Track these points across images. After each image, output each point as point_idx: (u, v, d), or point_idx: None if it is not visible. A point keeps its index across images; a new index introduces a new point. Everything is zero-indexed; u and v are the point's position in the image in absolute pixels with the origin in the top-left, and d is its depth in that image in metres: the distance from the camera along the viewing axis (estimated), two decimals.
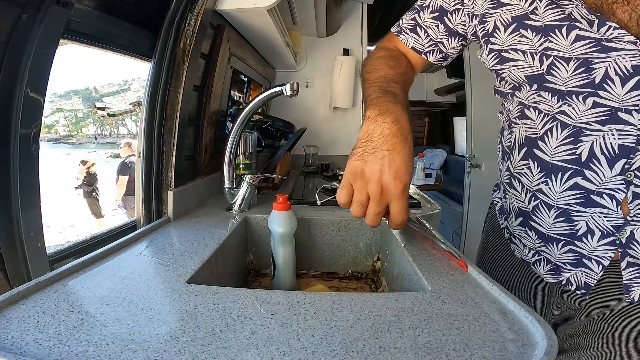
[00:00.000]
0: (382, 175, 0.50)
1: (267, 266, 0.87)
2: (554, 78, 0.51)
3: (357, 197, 0.52)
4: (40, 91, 0.55)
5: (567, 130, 0.53)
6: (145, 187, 0.78)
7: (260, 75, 1.55)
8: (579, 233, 0.55)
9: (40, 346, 0.33)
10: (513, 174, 0.63)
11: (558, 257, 0.59)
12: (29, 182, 0.55)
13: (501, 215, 0.73)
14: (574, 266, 0.58)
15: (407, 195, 0.52)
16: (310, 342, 0.35)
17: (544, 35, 0.51)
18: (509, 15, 0.55)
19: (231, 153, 0.86)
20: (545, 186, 0.57)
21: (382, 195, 0.51)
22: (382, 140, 0.51)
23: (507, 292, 0.45)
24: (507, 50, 0.56)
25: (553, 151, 0.55)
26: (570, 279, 0.59)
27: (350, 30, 1.95)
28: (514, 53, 0.55)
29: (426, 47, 0.72)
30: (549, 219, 0.58)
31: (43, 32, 0.53)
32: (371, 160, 0.51)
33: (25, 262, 0.55)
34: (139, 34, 0.76)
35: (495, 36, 0.57)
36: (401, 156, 0.50)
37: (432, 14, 0.69)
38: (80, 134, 18.88)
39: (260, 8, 0.90)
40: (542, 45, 0.51)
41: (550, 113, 0.54)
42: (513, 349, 0.35)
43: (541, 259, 0.63)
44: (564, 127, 0.53)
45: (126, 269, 0.51)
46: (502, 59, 0.57)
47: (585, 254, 0.56)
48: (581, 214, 0.54)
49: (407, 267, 0.61)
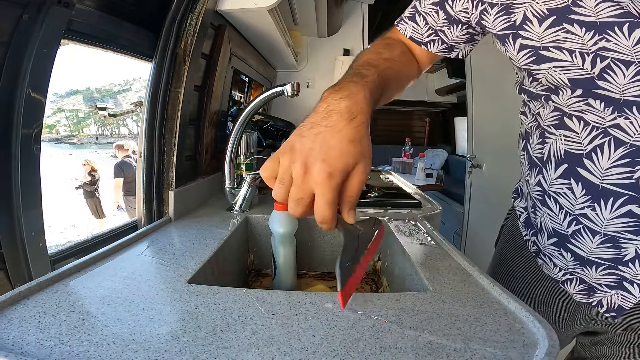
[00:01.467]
0: (310, 153, 0.40)
1: (267, 266, 0.87)
2: (608, 84, 0.44)
3: (280, 174, 0.42)
4: (41, 91, 0.55)
5: (623, 148, 0.45)
6: (146, 187, 0.78)
7: (261, 75, 1.55)
8: (626, 258, 0.50)
9: (42, 346, 0.33)
10: (548, 192, 0.56)
11: (594, 278, 0.54)
12: (30, 182, 0.55)
13: (527, 228, 0.67)
14: (611, 289, 0.53)
15: (334, 186, 0.40)
16: (311, 342, 0.35)
17: (599, 33, 0.43)
18: (544, 7, 0.46)
19: (232, 153, 0.86)
20: (592, 211, 0.51)
21: (304, 177, 0.40)
22: (323, 116, 0.42)
23: (507, 293, 0.45)
24: (548, 47, 0.47)
25: (604, 173, 0.48)
26: (603, 301, 0.55)
27: (351, 30, 1.95)
28: (558, 52, 0.46)
29: (425, 37, 0.64)
30: (591, 244, 0.52)
31: (44, 33, 0.53)
32: (306, 136, 0.41)
33: (27, 262, 0.55)
34: (140, 34, 0.76)
35: (527, 29, 0.48)
36: (340, 136, 0.40)
37: (432, 0, 0.62)
38: (81, 134, 18.91)
39: (261, 8, 0.90)
40: (597, 44, 0.43)
41: (601, 126, 0.46)
42: (514, 349, 0.35)
43: (574, 279, 0.58)
44: (619, 144, 0.46)
45: (127, 269, 0.51)
46: (541, 57, 0.48)
47: (627, 278, 0.51)
48: (632, 242, 0.49)
49: (408, 267, 0.61)
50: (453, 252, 0.61)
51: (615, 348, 0.56)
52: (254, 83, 1.68)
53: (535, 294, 0.64)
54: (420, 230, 0.76)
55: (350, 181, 0.41)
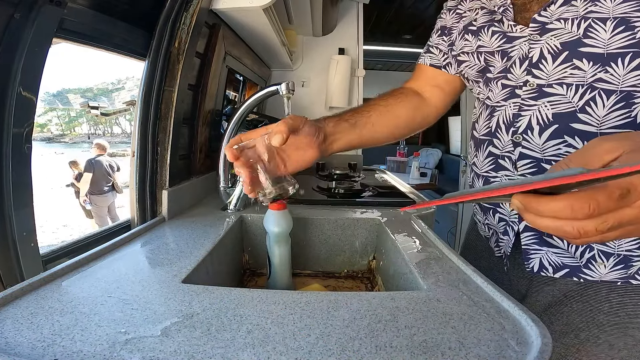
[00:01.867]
0: None
1: (262, 266, 0.86)
2: (540, 72, 0.58)
3: None
4: (32, 90, 0.54)
5: (486, 109, 0.66)
6: (140, 187, 0.77)
7: (255, 74, 1.54)
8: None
9: (34, 347, 0.32)
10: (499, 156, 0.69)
11: (496, 226, 0.66)
12: (21, 181, 0.54)
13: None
14: (503, 235, 0.65)
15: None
16: (307, 341, 0.35)
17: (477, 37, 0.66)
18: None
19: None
20: (475, 158, 0.68)
21: None
22: None
23: (501, 291, 0.46)
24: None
25: (479, 128, 0.68)
26: (504, 250, 0.66)
27: (346, 29, 1.95)
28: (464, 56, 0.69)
29: (443, 61, 0.79)
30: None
31: (36, 31, 0.52)
32: None
33: (18, 262, 0.54)
34: (134, 33, 0.76)
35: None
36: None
37: (437, 33, 0.80)
38: (73, 133, 18.70)
39: (256, 7, 0.89)
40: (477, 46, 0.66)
41: (482, 100, 0.68)
42: (508, 347, 0.35)
43: (493, 232, 0.69)
44: (486, 108, 0.66)
45: (120, 269, 0.51)
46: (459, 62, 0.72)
47: (507, 220, 0.63)
48: (495, 179, 0.63)
49: (403, 266, 0.61)
50: (447, 251, 0.62)
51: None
52: (248, 82, 1.67)
53: (479, 265, 0.75)
54: (414, 229, 0.76)
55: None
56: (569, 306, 0.58)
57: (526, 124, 0.58)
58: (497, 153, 0.62)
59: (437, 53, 0.80)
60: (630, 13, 0.48)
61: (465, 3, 0.72)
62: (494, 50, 0.62)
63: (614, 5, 0.49)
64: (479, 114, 0.69)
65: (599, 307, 0.55)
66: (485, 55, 0.64)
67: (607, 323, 0.55)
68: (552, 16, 0.55)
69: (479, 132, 0.68)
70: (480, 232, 0.77)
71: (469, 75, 0.70)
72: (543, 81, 0.56)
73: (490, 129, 0.64)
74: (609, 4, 0.49)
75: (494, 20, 0.63)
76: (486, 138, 0.65)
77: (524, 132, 0.58)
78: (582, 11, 0.51)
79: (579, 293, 0.57)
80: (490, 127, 0.64)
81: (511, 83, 0.60)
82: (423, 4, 2.70)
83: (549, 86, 0.56)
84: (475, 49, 0.66)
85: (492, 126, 0.63)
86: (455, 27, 0.72)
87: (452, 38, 0.73)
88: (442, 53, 0.79)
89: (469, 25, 0.67)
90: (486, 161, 0.65)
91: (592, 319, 0.56)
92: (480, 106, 0.69)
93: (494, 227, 0.67)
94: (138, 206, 0.77)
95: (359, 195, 1.07)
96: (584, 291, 0.57)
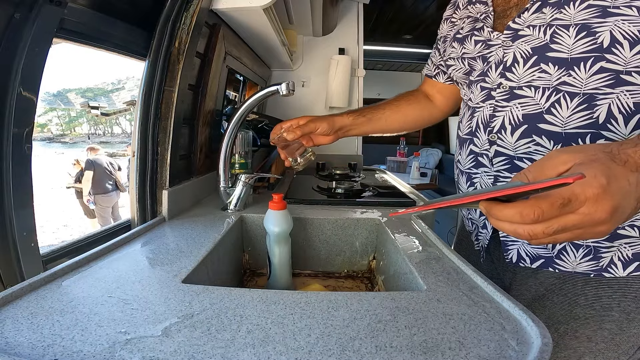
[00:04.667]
0: None
1: (262, 266, 0.86)
2: (512, 75, 0.62)
3: None
4: (33, 90, 0.54)
5: (468, 110, 0.70)
6: (140, 187, 0.77)
7: (256, 74, 1.54)
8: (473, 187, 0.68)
9: (35, 347, 0.32)
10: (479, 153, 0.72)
11: (478, 220, 0.70)
12: (21, 181, 0.54)
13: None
14: (482, 228, 0.69)
15: None
16: (307, 341, 0.35)
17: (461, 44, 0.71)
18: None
19: (226, 152, 0.86)
20: (459, 155, 0.73)
21: None
22: None
23: (501, 291, 0.46)
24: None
25: (462, 127, 0.72)
26: (482, 244, 0.70)
27: (347, 29, 1.95)
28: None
29: (433, 71, 0.90)
30: (464, 185, 0.71)
31: (36, 31, 0.52)
32: None
33: (19, 262, 0.54)
34: (134, 33, 0.76)
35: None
36: None
37: (434, 45, 0.89)
38: (73, 133, 18.70)
39: (256, 7, 0.89)
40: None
41: (465, 101, 0.73)
42: (508, 347, 0.35)
43: (475, 226, 0.73)
44: (469, 109, 0.70)
45: (120, 269, 0.51)
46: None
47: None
48: (476, 175, 0.67)
49: (403, 266, 0.61)
50: (447, 251, 0.62)
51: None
52: (248, 82, 1.68)
53: (469, 260, 0.78)
54: (414, 229, 0.76)
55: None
56: (550, 299, 0.60)
57: (500, 124, 0.61)
58: (477, 151, 0.66)
59: (430, 64, 0.91)
60: (590, 19, 0.50)
61: (458, 12, 0.76)
62: (476, 55, 0.67)
63: (575, 12, 0.51)
64: (462, 115, 0.74)
65: (576, 300, 0.58)
66: (469, 60, 0.69)
67: (584, 316, 0.57)
68: (524, 23, 0.58)
69: (462, 131, 0.72)
70: (465, 227, 0.80)
71: (457, 78, 0.76)
72: (514, 83, 0.60)
73: (471, 128, 0.68)
74: (571, 10, 0.52)
75: (476, 29, 0.67)
76: (468, 137, 0.69)
77: (498, 132, 0.62)
78: (548, 18, 0.55)
79: (559, 287, 0.60)
80: (471, 126, 0.68)
81: (488, 85, 0.64)
82: (423, 4, 2.70)
83: (519, 88, 0.59)
84: (460, 55, 0.71)
85: (473, 126, 0.67)
86: (449, 35, 0.77)
87: (445, 45, 0.78)
88: (433, 64, 0.90)
89: (456, 34, 0.73)
90: (468, 158, 0.69)
91: (570, 312, 0.58)
92: (464, 107, 0.74)
93: (476, 222, 0.71)
94: (138, 206, 0.77)
95: (359, 195, 1.07)
96: (562, 285, 0.59)
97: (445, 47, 0.78)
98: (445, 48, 0.78)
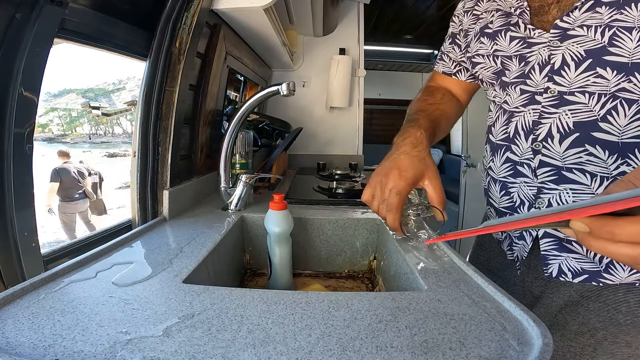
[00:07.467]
0: (389, 169, 0.63)
1: (263, 266, 0.86)
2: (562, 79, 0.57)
3: (372, 187, 0.68)
4: (34, 90, 0.54)
5: (504, 113, 0.65)
6: (141, 187, 0.77)
7: (256, 74, 1.54)
8: (516, 205, 0.63)
9: (36, 346, 0.32)
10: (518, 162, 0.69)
11: (511, 231, 0.67)
12: (23, 181, 0.55)
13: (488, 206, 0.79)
14: (519, 239, 0.65)
15: (406, 184, 0.61)
16: (307, 341, 0.35)
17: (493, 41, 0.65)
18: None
19: (227, 152, 0.86)
20: (491, 162, 0.69)
21: (385, 183, 0.63)
22: (395, 149, 0.66)
23: (502, 291, 0.46)
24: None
25: (496, 132, 0.68)
26: (518, 255, 0.66)
27: (347, 29, 1.95)
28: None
29: (453, 69, 0.83)
30: (497, 194, 0.67)
31: (37, 32, 0.53)
32: (385, 161, 0.66)
33: (20, 262, 0.54)
34: (135, 33, 0.76)
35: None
36: (409, 156, 0.64)
37: (448, 40, 0.82)
38: (74, 134, 18.73)
39: (257, 7, 0.89)
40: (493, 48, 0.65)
41: (499, 104, 0.68)
42: (509, 347, 0.35)
43: (505, 236, 0.70)
44: (504, 113, 0.65)
45: (121, 269, 0.51)
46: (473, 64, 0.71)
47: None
48: (513, 185, 0.63)
49: (404, 266, 0.61)
50: (448, 251, 0.61)
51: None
52: (249, 82, 1.68)
53: (491, 266, 0.76)
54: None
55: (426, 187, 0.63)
56: (585, 306, 0.57)
57: (546, 132, 0.57)
58: (516, 159, 0.62)
59: (448, 61, 0.83)
60: None
61: (482, 4, 0.71)
62: (512, 54, 0.61)
63: (639, 14, 0.48)
64: (495, 118, 0.68)
65: (617, 308, 0.55)
66: (503, 59, 0.63)
67: (625, 323, 0.54)
68: (575, 22, 0.53)
69: (495, 136, 0.67)
70: (492, 234, 0.76)
71: (484, 77, 0.69)
72: (565, 88, 0.55)
73: (508, 134, 0.63)
74: (634, 12, 0.49)
75: (510, 24, 0.62)
76: (504, 143, 0.64)
77: (544, 140, 0.57)
78: (606, 19, 0.50)
79: (596, 294, 0.57)
80: (508, 132, 0.63)
81: (531, 89, 0.59)
82: (424, 4, 2.69)
83: (570, 94, 0.55)
84: (491, 52, 0.65)
85: (510, 132, 0.63)
86: (471, 28, 0.71)
87: (468, 40, 0.72)
88: (451, 61, 0.82)
89: (485, 28, 0.67)
90: (504, 167, 0.64)
91: (610, 319, 0.55)
92: (497, 110, 0.68)
93: (508, 231, 0.67)
94: (139, 206, 0.77)
95: (359, 196, 1.06)
96: (600, 292, 0.56)
97: (468, 42, 0.72)
98: (468, 43, 0.72)
